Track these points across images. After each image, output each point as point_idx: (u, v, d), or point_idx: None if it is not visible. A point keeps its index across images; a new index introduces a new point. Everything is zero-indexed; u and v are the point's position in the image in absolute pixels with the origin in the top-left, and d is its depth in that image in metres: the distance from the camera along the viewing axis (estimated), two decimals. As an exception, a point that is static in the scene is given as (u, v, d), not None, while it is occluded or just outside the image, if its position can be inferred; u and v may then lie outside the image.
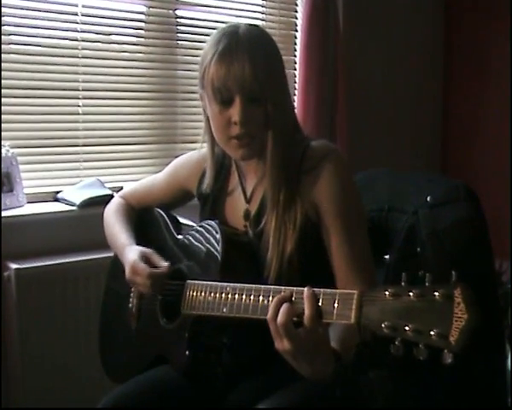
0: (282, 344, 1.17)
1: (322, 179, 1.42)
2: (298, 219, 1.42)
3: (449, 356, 0.96)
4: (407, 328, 1.01)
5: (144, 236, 1.69)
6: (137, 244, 1.63)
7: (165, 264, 1.51)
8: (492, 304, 1.61)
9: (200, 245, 1.51)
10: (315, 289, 1.17)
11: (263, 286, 1.27)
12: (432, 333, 0.98)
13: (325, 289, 1.16)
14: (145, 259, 1.53)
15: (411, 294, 1.02)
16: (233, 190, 1.59)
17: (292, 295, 1.19)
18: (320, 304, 1.15)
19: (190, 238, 1.56)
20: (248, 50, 1.39)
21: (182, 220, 1.75)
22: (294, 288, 1.20)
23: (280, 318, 1.16)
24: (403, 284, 1.04)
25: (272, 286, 1.26)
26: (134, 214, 1.77)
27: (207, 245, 1.48)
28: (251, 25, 1.49)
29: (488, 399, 1.62)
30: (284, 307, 1.17)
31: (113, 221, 1.73)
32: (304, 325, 1.16)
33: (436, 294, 0.99)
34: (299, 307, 1.17)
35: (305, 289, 1.17)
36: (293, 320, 1.17)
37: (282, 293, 1.21)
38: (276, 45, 1.49)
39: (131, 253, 1.56)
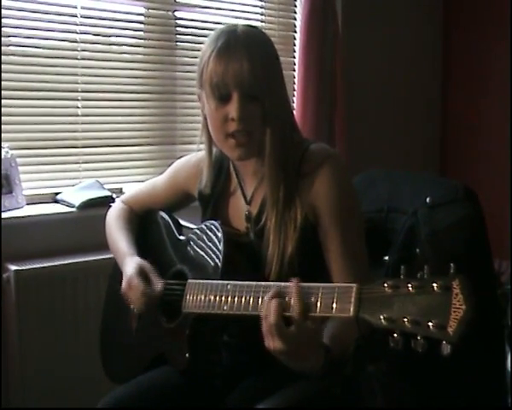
0: (273, 343, 1.18)
1: (320, 182, 1.43)
2: (298, 220, 1.43)
3: (447, 347, 0.96)
4: (405, 320, 1.01)
5: (147, 237, 1.70)
6: (140, 247, 1.64)
7: (159, 284, 1.51)
8: (492, 304, 1.61)
9: (202, 245, 1.51)
10: (314, 284, 1.18)
11: (263, 283, 1.28)
12: (430, 324, 0.98)
13: (324, 284, 1.17)
14: (142, 274, 1.53)
15: (410, 286, 1.02)
16: (234, 191, 1.60)
17: (281, 292, 1.20)
18: (319, 298, 1.16)
19: (192, 239, 1.56)
20: (246, 48, 1.40)
21: (183, 223, 1.75)
22: (282, 283, 1.22)
23: (271, 317, 1.17)
24: (401, 277, 1.04)
25: (272, 283, 1.27)
26: (136, 220, 1.77)
27: (209, 245, 1.48)
28: (249, 25, 1.50)
29: (488, 399, 1.62)
30: (273, 305, 1.18)
31: (115, 228, 1.73)
32: (294, 320, 1.17)
33: (434, 285, 1.00)
34: (289, 303, 1.18)
35: (292, 283, 1.18)
36: (285, 316, 1.18)
37: (272, 291, 1.21)
38: (273, 45, 1.50)
39: (130, 265, 1.56)
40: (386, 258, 1.65)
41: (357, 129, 3.33)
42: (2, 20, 2.36)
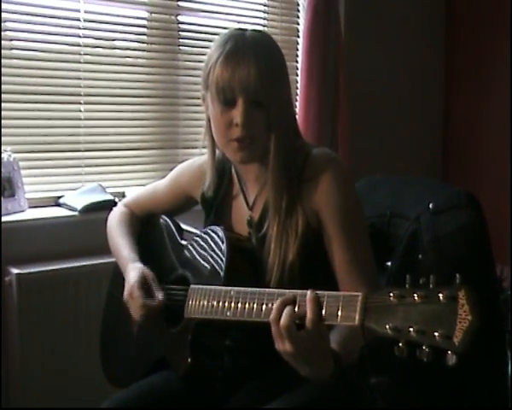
0: (284, 346, 1.18)
1: (322, 187, 1.43)
2: (300, 226, 1.43)
3: (452, 357, 0.96)
4: (411, 329, 1.01)
5: (148, 242, 1.69)
6: (141, 251, 1.64)
7: (160, 296, 1.51)
8: (493, 310, 1.61)
9: (204, 251, 1.51)
10: (319, 292, 1.17)
11: (267, 290, 1.27)
12: (436, 334, 0.98)
13: (329, 292, 1.17)
14: (144, 284, 1.53)
15: (416, 296, 1.02)
16: (237, 195, 1.60)
17: (295, 298, 1.20)
18: (324, 306, 1.15)
19: (195, 244, 1.56)
20: (254, 53, 1.40)
21: (184, 227, 1.74)
22: (298, 291, 1.20)
23: (283, 320, 1.17)
24: (407, 286, 1.04)
25: (276, 290, 1.26)
26: (137, 224, 1.76)
27: (212, 251, 1.48)
28: (257, 30, 1.50)
29: (489, 404, 1.62)
30: (287, 309, 1.18)
31: (117, 233, 1.72)
32: (306, 328, 1.16)
33: (440, 295, 0.99)
34: (302, 310, 1.17)
35: (308, 292, 1.18)
36: (296, 322, 1.17)
37: (286, 296, 1.21)
38: (280, 51, 1.50)
39: (133, 273, 1.56)
40: (389, 263, 1.65)
41: (360, 133, 3.32)
42: (6, 24, 2.37)
